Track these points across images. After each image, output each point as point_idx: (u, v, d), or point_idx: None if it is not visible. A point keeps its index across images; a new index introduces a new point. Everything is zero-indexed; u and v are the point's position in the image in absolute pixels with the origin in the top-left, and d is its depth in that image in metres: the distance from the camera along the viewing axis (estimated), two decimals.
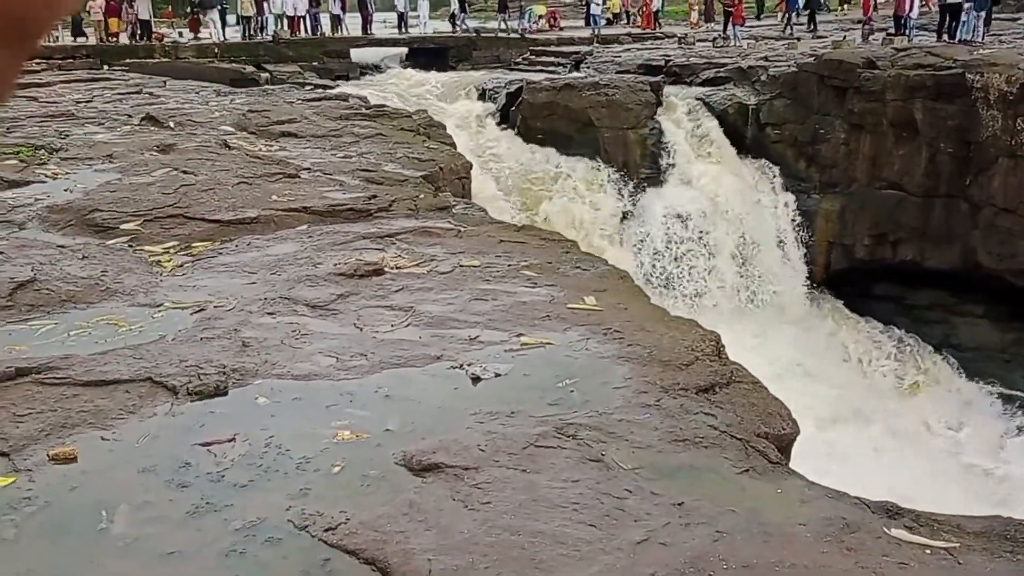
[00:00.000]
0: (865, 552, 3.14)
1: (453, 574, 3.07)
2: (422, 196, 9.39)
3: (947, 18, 20.54)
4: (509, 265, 6.50)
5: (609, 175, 18.03)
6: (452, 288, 5.97)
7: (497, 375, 4.70)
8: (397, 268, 6.39)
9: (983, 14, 20.33)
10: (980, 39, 19.82)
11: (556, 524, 3.34)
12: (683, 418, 4.22)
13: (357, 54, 26.71)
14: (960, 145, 16.64)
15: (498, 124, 19.24)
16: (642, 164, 18.49)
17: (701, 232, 17.66)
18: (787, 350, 16.38)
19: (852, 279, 18.44)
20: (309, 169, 10.33)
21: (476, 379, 4.68)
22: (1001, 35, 22.03)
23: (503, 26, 32.28)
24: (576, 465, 3.79)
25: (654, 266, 17.16)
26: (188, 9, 31.58)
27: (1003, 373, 16.77)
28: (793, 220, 18.38)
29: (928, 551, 3.13)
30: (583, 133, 18.54)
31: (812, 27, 27.87)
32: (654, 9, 32.82)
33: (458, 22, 32.08)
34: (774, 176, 18.67)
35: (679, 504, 3.50)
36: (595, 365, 4.81)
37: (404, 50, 28.17)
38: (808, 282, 18.26)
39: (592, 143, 18.44)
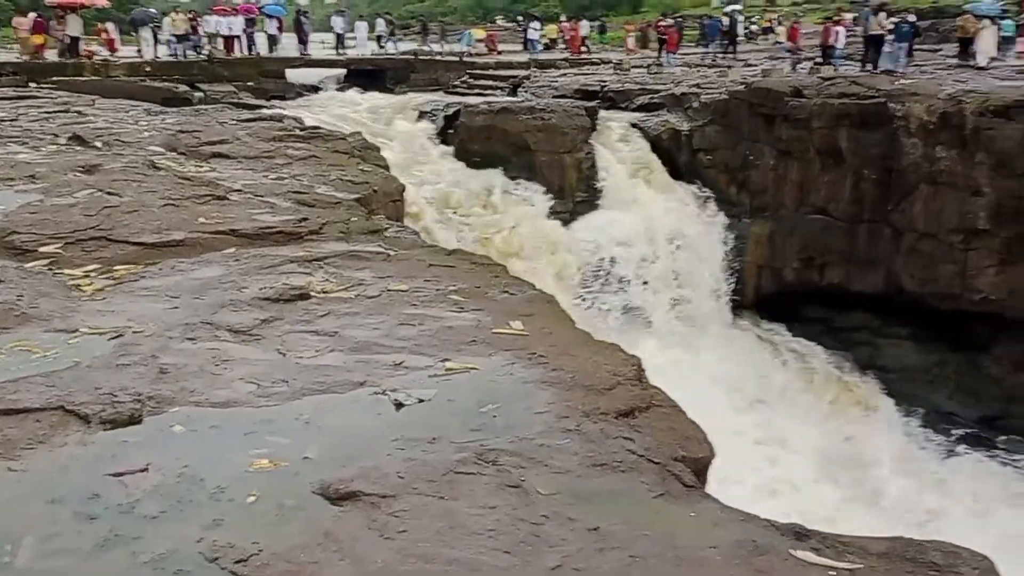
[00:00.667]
0: (772, 574, 3.21)
1: None
2: (354, 219, 9.34)
3: (871, 49, 21.24)
4: (437, 290, 6.50)
5: (545, 198, 18.16)
6: (379, 313, 5.95)
7: (420, 401, 4.69)
8: (324, 292, 6.35)
9: (905, 45, 21.10)
10: (902, 70, 20.56)
11: (472, 552, 3.34)
12: (602, 443, 4.27)
13: (293, 75, 26.53)
14: (883, 172, 17.22)
15: (436, 146, 19.28)
16: (578, 188, 18.71)
17: (635, 255, 17.88)
18: (717, 372, 16.65)
19: (781, 302, 18.87)
20: (239, 191, 10.20)
21: (399, 405, 4.66)
22: (923, 66, 22.86)
23: (425, 48, 32.50)
24: (495, 491, 3.80)
25: (588, 289, 17.30)
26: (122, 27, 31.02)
27: (927, 394, 17.31)
28: (725, 244, 18.74)
29: (832, 572, 3.21)
30: (520, 156, 18.69)
31: (732, 54, 28.73)
32: (582, 34, 33.37)
33: (383, 43, 31.96)
34: (706, 200, 19.04)
35: (595, 529, 3.53)
36: (519, 390, 4.83)
37: (342, 71, 28.06)
38: (739, 305, 18.59)
39: (529, 166, 18.61)
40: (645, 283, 17.78)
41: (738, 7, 42.08)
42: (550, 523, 3.57)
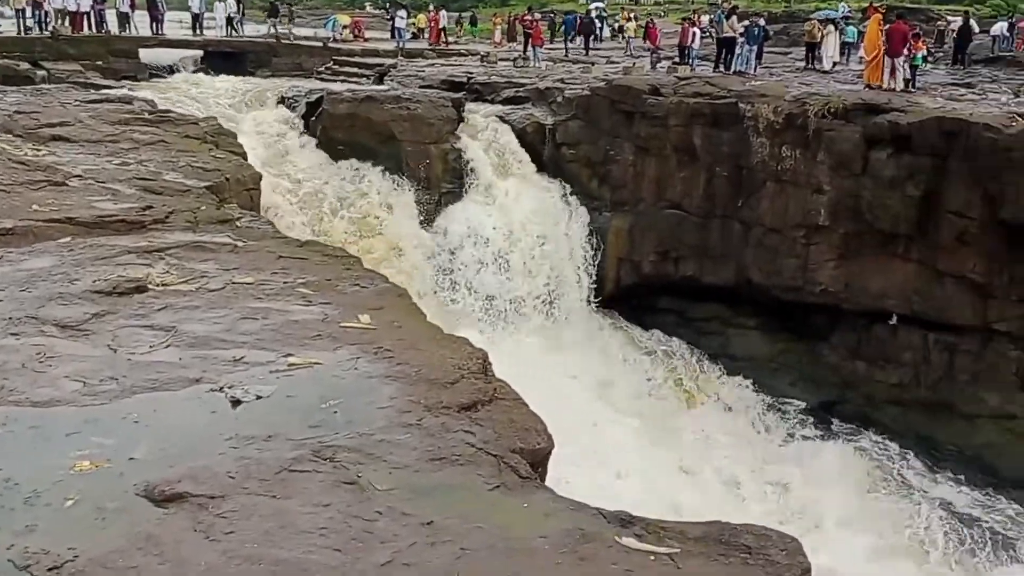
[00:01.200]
0: (597, 561, 3.32)
1: None
2: (203, 208, 9.04)
3: (723, 51, 22.10)
4: (285, 282, 6.38)
5: (410, 189, 18.05)
6: (221, 306, 5.78)
7: (259, 397, 4.60)
8: (163, 285, 6.11)
9: (755, 48, 22.04)
10: (753, 71, 21.48)
11: (301, 551, 3.31)
12: (443, 436, 4.30)
13: (147, 55, 25.30)
14: (734, 169, 17.95)
15: (298, 135, 18.80)
16: (444, 179, 18.65)
17: (499, 247, 18.02)
18: (576, 362, 17.01)
19: (639, 293, 19.42)
20: (79, 176, 9.70)
21: (236, 402, 4.55)
22: (772, 68, 23.99)
23: (272, 31, 31.57)
24: (330, 489, 3.77)
25: (450, 280, 17.32)
26: None
27: (772, 382, 18.20)
28: (586, 237, 19.11)
29: (652, 557, 3.35)
30: (385, 146, 18.46)
31: (586, 51, 29.32)
32: (442, 25, 33.37)
33: (234, 24, 30.62)
34: (569, 194, 19.36)
35: (429, 523, 3.56)
36: (362, 385, 4.81)
37: (199, 53, 26.97)
38: (599, 296, 19.04)
39: (394, 156, 18.40)
40: (508, 275, 17.94)
41: (601, 4, 42.98)
42: (384, 519, 3.58)
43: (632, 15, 37.14)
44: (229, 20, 30.16)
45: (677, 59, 24.60)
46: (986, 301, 15.69)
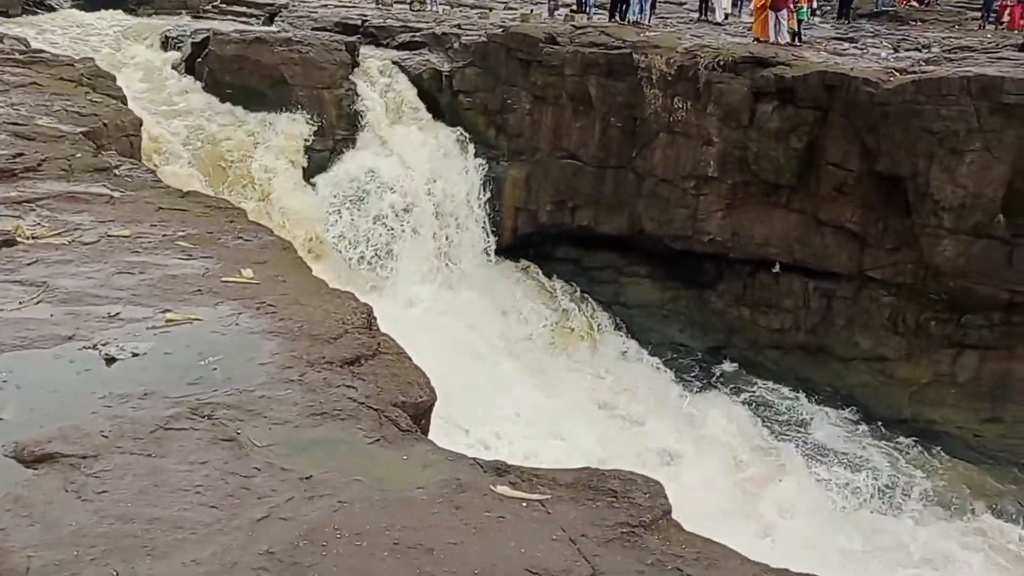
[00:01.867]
0: (471, 509, 3.45)
1: (55, 569, 2.95)
2: (79, 155, 8.66)
3: (619, 1, 22.17)
4: (164, 235, 6.22)
5: (303, 134, 17.64)
6: (95, 260, 5.61)
7: (135, 355, 4.52)
8: (34, 238, 5.88)
9: None
10: (647, 22, 21.67)
11: (176, 509, 3.31)
12: (324, 392, 4.33)
13: None
14: (628, 120, 18.20)
15: (182, 77, 18.08)
16: (338, 125, 18.30)
17: (395, 195, 17.86)
18: (476, 312, 17.16)
19: (537, 242, 19.64)
20: None
21: (111, 360, 4.47)
22: (668, 19, 24.28)
23: None
24: (207, 446, 3.77)
25: (344, 230, 17.10)
26: None
27: (662, 328, 18.80)
28: (484, 185, 19.13)
29: (524, 504, 3.49)
30: (276, 90, 17.95)
31: None
32: None
33: None
34: (466, 142, 19.29)
35: (307, 478, 3.61)
36: (243, 341, 4.78)
37: None
38: (497, 244, 19.15)
39: (285, 101, 17.92)
40: (404, 224, 17.82)
41: None
42: (262, 475, 3.61)
43: None
44: None
45: (575, 7, 24.58)
46: (862, 249, 16.50)
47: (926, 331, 16.43)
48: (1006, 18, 24.57)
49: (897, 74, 15.75)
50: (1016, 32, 23.39)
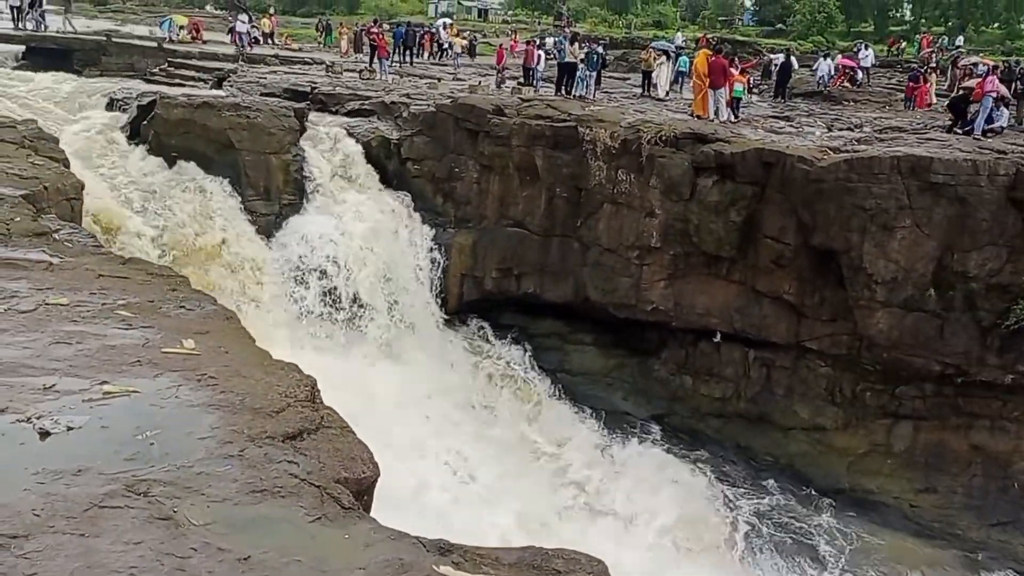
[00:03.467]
0: None
1: None
2: (17, 219, 8.51)
3: (565, 75, 22.79)
4: (104, 304, 6.12)
5: (246, 200, 17.57)
6: (31, 330, 5.49)
7: (70, 429, 4.41)
8: None
9: (594, 74, 22.86)
10: (592, 96, 22.27)
11: None
12: (265, 468, 4.27)
13: None
14: (573, 191, 18.57)
15: (127, 140, 17.95)
16: (285, 190, 18.28)
17: (341, 261, 17.81)
18: (420, 378, 17.07)
19: (482, 309, 19.72)
20: None
21: (45, 433, 4.35)
22: (611, 93, 24.94)
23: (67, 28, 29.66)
24: (143, 525, 3.68)
25: (289, 296, 16.97)
26: None
27: (606, 395, 18.93)
28: (430, 252, 19.21)
29: None
30: (223, 155, 17.90)
31: (410, 63, 29.66)
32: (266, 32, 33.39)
33: (29, 18, 28.09)
34: (413, 209, 19.42)
35: (246, 559, 3.54)
36: (182, 415, 4.70)
37: (20, 48, 25.24)
38: (442, 311, 19.17)
39: (232, 166, 17.87)
40: (350, 290, 17.75)
41: (448, 20, 43.34)
42: (199, 555, 3.53)
43: (460, 32, 37.90)
44: (16, 11, 27.61)
45: (522, 80, 25.15)
46: (799, 320, 16.90)
47: (862, 401, 16.82)
48: (915, 99, 25.77)
49: (831, 152, 16.37)
50: (922, 110, 24.57)
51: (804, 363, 17.17)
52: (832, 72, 29.61)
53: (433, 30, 36.53)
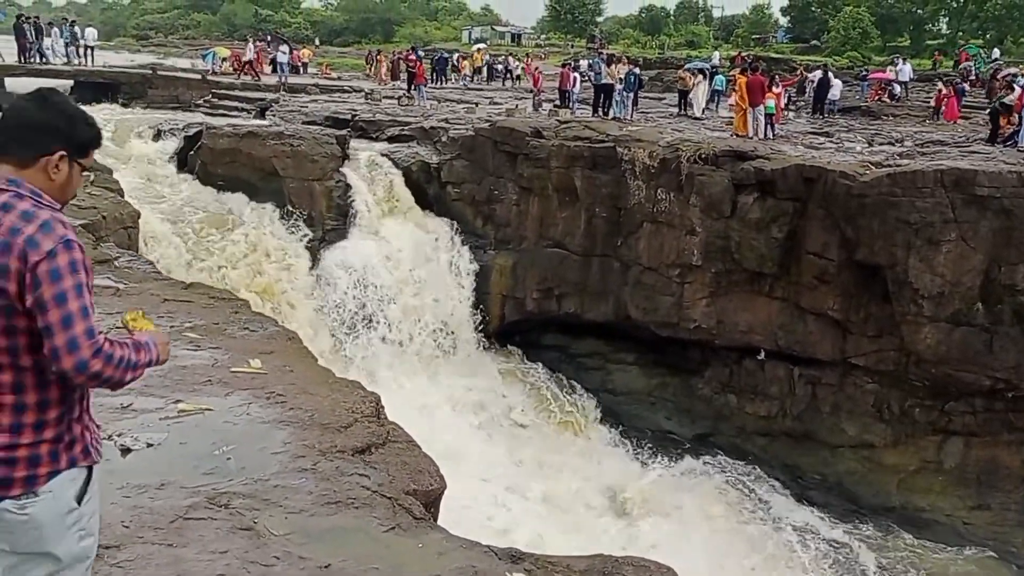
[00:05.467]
0: None
1: None
2: None
3: (602, 96, 22.98)
4: (172, 326, 6.32)
5: (294, 226, 17.91)
6: None
7: (149, 445, 4.59)
8: None
9: (631, 94, 23.03)
10: (629, 116, 22.42)
11: None
12: (337, 480, 4.41)
13: (14, 84, 24.24)
14: (612, 210, 18.65)
15: (176, 170, 18.43)
16: (328, 216, 18.59)
17: (384, 285, 18.05)
18: (465, 400, 17.19)
19: (523, 330, 19.83)
20: None
21: (126, 450, 4.53)
22: (648, 112, 25.07)
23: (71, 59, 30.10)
24: (226, 535, 3.82)
25: (337, 320, 17.22)
26: None
27: (649, 414, 18.88)
28: (471, 274, 19.41)
29: None
30: (267, 182, 18.29)
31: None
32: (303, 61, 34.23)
33: (32, 51, 27.94)
34: (454, 232, 19.65)
35: (325, 567, 3.67)
36: (255, 431, 4.86)
37: (69, 83, 26.03)
38: (484, 333, 19.31)
39: (277, 193, 18.25)
40: (393, 313, 17.98)
41: (482, 45, 43.88)
42: (282, 564, 3.66)
43: (461, 55, 38.60)
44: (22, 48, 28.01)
45: (558, 102, 25.37)
46: (845, 337, 16.76)
47: (911, 418, 16.60)
48: (943, 109, 25.58)
49: (872, 167, 16.31)
50: (951, 122, 24.38)
51: (850, 380, 16.99)
52: (913, 75, 29.62)
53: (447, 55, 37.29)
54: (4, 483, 2.62)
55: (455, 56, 37.71)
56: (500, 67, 37.51)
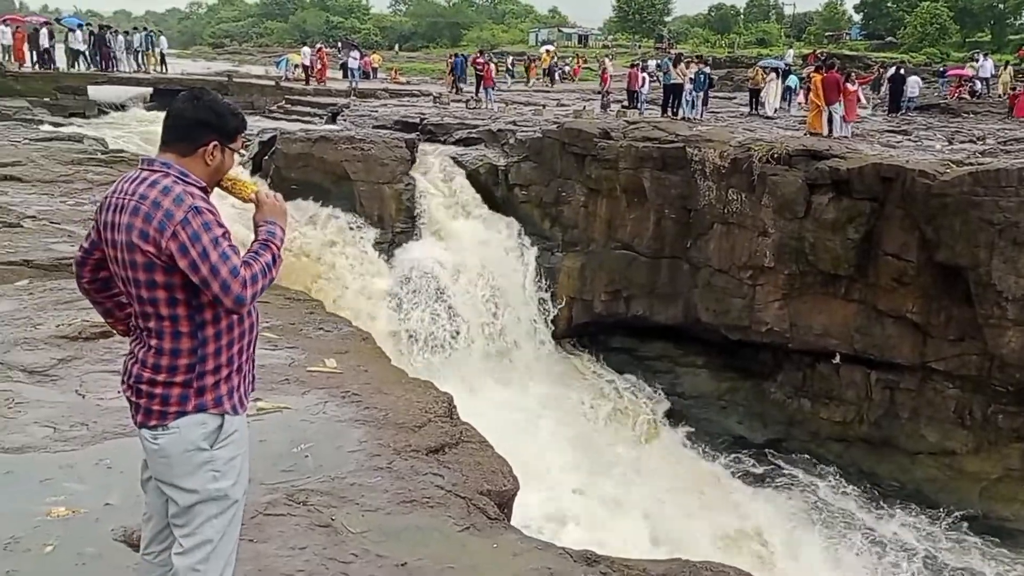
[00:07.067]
0: None
1: None
2: None
3: (671, 96, 22.75)
4: None
5: (365, 228, 18.17)
6: None
7: None
8: None
9: (701, 94, 22.75)
10: (699, 116, 22.15)
11: None
12: (412, 479, 4.43)
13: (96, 92, 25.13)
14: (682, 212, 18.43)
15: (251, 174, 18.85)
16: (397, 219, 18.82)
17: (453, 287, 18.18)
18: (533, 402, 17.17)
19: (592, 332, 19.72)
20: (34, 217, 9.66)
21: None
22: (718, 113, 24.75)
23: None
24: (305, 532, 3.87)
25: (408, 321, 17.39)
26: None
27: (720, 419, 18.59)
28: (539, 276, 19.40)
29: None
30: (339, 186, 18.59)
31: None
32: (374, 66, 34.61)
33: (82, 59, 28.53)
34: (521, 234, 19.67)
35: (403, 565, 3.69)
36: (331, 429, 4.92)
37: (148, 90, 26.87)
38: (552, 335, 19.28)
39: (348, 196, 18.54)
40: (462, 315, 18.08)
41: (550, 47, 43.87)
42: (359, 561, 3.70)
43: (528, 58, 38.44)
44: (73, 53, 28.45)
45: (626, 103, 25.21)
46: (924, 340, 16.25)
47: (994, 424, 16.00)
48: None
49: (953, 166, 15.79)
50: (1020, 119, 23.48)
51: (930, 385, 16.46)
52: (995, 71, 28.78)
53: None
54: (145, 412, 3.14)
55: (509, 59, 37.76)
56: (566, 68, 37.49)
